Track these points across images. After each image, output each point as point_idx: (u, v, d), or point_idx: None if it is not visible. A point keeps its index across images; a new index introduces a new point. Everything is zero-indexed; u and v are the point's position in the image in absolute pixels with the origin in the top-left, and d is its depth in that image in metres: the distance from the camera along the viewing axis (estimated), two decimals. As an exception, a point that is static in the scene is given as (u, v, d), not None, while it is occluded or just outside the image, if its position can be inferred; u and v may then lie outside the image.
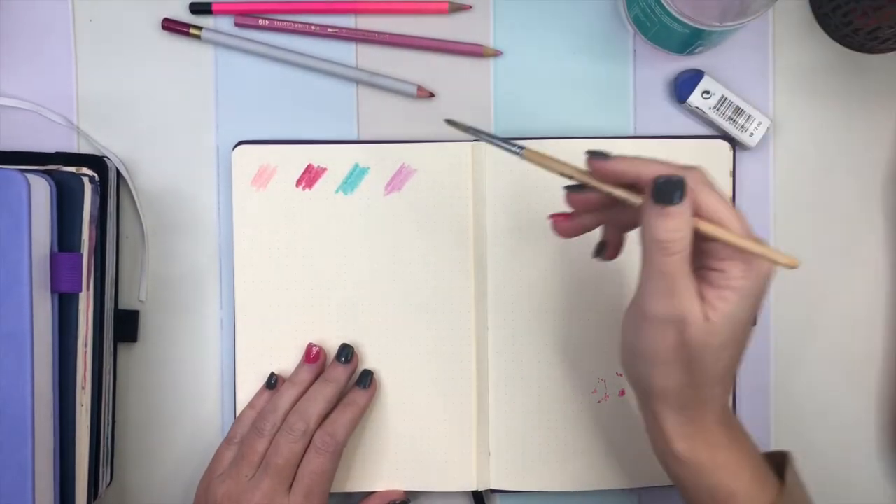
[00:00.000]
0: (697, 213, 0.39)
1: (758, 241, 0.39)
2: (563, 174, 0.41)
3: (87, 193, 0.50)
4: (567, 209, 0.45)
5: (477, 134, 0.46)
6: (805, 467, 0.49)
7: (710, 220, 0.39)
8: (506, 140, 0.44)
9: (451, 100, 0.56)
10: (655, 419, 0.44)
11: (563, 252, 0.55)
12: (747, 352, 0.57)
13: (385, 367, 0.55)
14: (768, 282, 0.40)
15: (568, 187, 0.43)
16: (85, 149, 0.56)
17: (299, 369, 0.54)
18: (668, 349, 0.40)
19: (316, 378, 0.54)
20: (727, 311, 0.39)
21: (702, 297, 0.39)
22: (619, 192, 0.40)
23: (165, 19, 0.55)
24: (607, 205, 0.42)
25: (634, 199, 0.40)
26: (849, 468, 0.57)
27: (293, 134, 0.56)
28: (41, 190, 0.47)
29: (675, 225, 0.38)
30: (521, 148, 0.43)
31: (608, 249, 0.45)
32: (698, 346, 0.39)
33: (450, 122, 0.47)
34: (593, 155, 0.40)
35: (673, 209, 0.37)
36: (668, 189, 0.37)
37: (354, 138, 0.56)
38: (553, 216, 0.44)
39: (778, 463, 0.46)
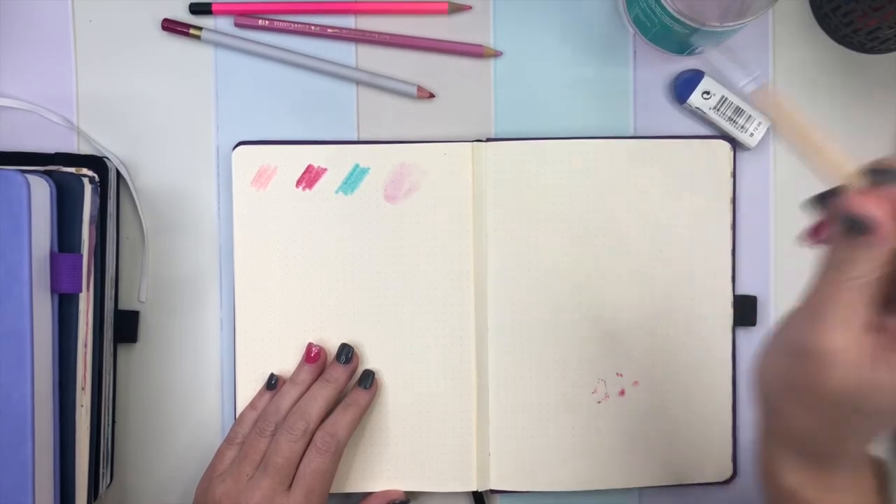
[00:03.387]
0: None
1: None
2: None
3: (87, 194, 0.50)
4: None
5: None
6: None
7: None
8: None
9: (451, 100, 0.56)
10: (767, 447, 0.38)
11: (563, 252, 0.55)
12: (747, 351, 0.57)
13: (385, 367, 0.55)
14: None
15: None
16: (85, 149, 0.56)
17: (300, 369, 0.54)
18: (799, 385, 0.33)
19: (316, 378, 0.54)
20: None
21: (881, 346, 0.31)
22: None
23: (165, 20, 0.55)
24: None
25: None
26: (849, 468, 0.57)
27: (293, 134, 0.56)
28: (41, 190, 0.47)
29: (861, 254, 0.31)
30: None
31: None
32: (842, 396, 0.32)
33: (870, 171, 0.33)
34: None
35: (856, 239, 0.31)
36: (858, 225, 0.30)
37: (354, 139, 0.56)
38: (813, 236, 0.35)
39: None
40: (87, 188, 0.50)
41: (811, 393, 0.33)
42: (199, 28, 0.55)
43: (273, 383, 0.54)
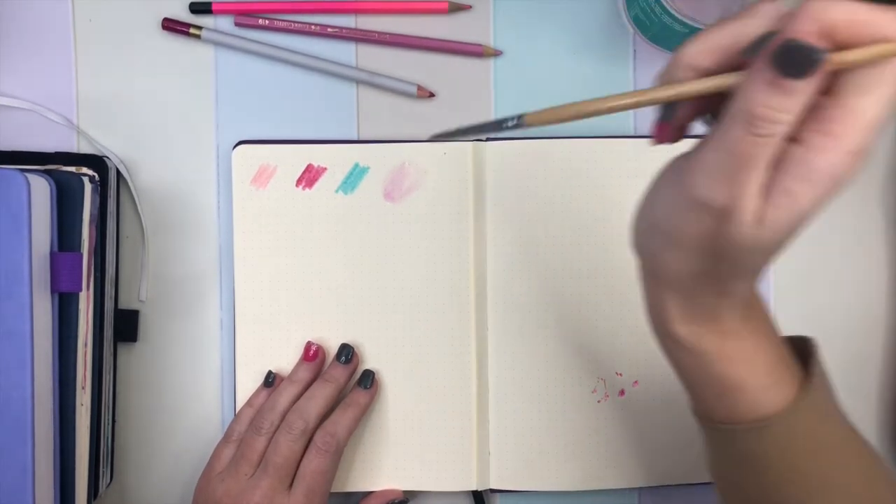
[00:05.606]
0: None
1: None
2: (618, 110, 0.32)
3: (87, 193, 0.50)
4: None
5: (465, 134, 0.38)
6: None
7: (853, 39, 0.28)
8: (496, 122, 0.37)
9: (451, 100, 0.56)
10: (657, 298, 0.37)
11: (563, 251, 0.55)
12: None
13: (385, 366, 0.55)
14: (840, 187, 0.30)
15: (668, 116, 0.34)
16: (85, 149, 0.56)
17: (298, 368, 0.54)
18: (696, 237, 0.33)
19: (315, 377, 0.54)
20: (789, 208, 0.30)
21: (766, 191, 0.30)
22: (712, 85, 0.31)
23: (165, 19, 0.55)
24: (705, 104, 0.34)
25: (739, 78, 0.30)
26: (849, 468, 0.57)
27: (293, 134, 0.56)
28: (41, 190, 0.47)
29: (786, 105, 0.28)
30: (520, 117, 0.36)
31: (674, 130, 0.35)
32: (734, 245, 0.32)
33: (436, 136, 0.40)
34: (751, 48, 0.30)
35: (794, 84, 0.28)
36: (799, 60, 0.27)
37: (354, 138, 0.56)
38: (657, 135, 0.36)
39: (799, 349, 0.40)
40: (87, 187, 0.50)
41: (709, 242, 0.32)
42: (200, 27, 0.55)
43: (270, 381, 0.54)
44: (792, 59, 0.27)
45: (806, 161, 0.29)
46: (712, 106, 0.33)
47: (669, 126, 0.35)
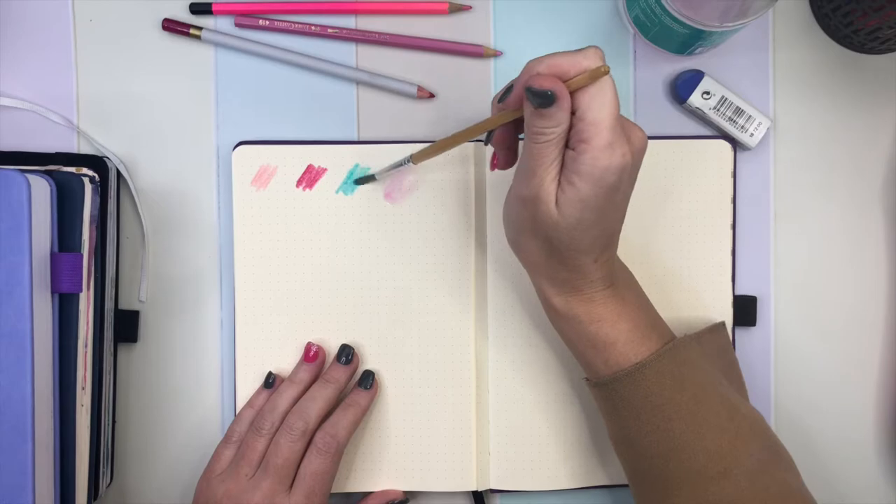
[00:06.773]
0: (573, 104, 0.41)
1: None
2: (462, 141, 0.47)
3: (87, 194, 0.50)
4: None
5: (381, 173, 0.54)
6: (805, 466, 0.49)
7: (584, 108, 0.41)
8: (395, 164, 0.52)
9: (451, 100, 0.56)
10: (536, 282, 0.48)
11: (563, 252, 0.55)
12: (747, 351, 0.57)
13: (385, 367, 0.55)
14: (612, 174, 0.41)
15: (487, 141, 0.48)
16: (85, 149, 0.56)
17: (298, 368, 0.54)
18: (527, 221, 0.45)
19: (315, 377, 0.54)
20: (573, 195, 0.42)
21: (559, 182, 0.42)
22: (506, 118, 0.44)
23: (165, 19, 0.55)
24: (513, 129, 0.47)
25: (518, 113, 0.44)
26: (848, 468, 0.57)
27: (293, 134, 0.56)
28: (41, 190, 0.47)
29: (547, 123, 0.41)
30: (409, 157, 0.51)
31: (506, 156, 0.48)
32: (549, 224, 0.43)
33: (358, 181, 0.55)
34: (503, 96, 0.44)
35: (545, 111, 0.41)
36: (540, 97, 0.40)
37: (354, 138, 0.56)
38: (492, 165, 0.50)
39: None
40: (88, 188, 0.50)
41: (536, 226, 0.44)
42: (200, 28, 0.55)
43: (271, 382, 0.54)
44: (536, 97, 0.40)
45: (576, 160, 0.41)
46: (520, 130, 0.46)
47: (495, 156, 0.48)
